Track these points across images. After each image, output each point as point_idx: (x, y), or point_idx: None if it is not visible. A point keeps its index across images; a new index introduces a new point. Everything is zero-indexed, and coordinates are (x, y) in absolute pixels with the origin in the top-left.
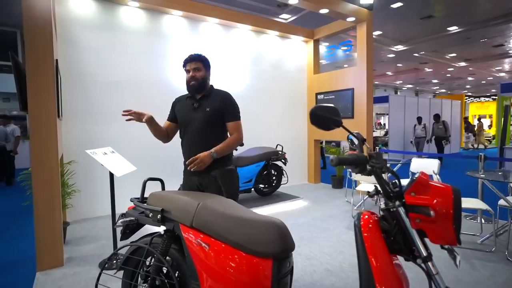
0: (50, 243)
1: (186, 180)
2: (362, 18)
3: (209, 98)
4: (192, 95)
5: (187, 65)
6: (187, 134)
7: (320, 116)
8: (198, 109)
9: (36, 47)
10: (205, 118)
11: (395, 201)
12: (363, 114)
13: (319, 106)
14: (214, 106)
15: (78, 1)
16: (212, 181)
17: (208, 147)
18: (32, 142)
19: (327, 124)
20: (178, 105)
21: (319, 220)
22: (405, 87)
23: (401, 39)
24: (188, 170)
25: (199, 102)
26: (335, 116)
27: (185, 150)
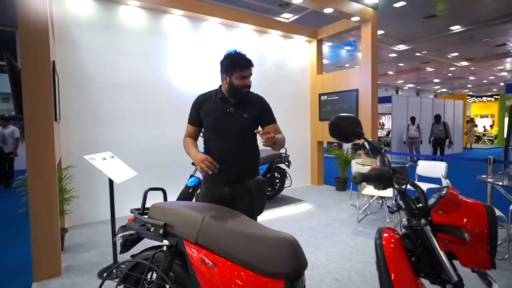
0: (47, 252)
1: (213, 190)
2: (367, 17)
3: (246, 102)
4: (226, 97)
5: (244, 70)
6: (218, 140)
7: (341, 128)
8: (234, 114)
9: (32, 49)
10: (242, 125)
11: (420, 219)
12: (368, 116)
13: (340, 117)
14: (252, 112)
15: (77, 1)
16: (245, 192)
17: (245, 160)
18: (27, 147)
19: (347, 136)
20: (206, 106)
21: (324, 224)
22: (406, 87)
23: (404, 38)
24: (218, 180)
25: (234, 107)
26: (357, 127)
27: (215, 159)
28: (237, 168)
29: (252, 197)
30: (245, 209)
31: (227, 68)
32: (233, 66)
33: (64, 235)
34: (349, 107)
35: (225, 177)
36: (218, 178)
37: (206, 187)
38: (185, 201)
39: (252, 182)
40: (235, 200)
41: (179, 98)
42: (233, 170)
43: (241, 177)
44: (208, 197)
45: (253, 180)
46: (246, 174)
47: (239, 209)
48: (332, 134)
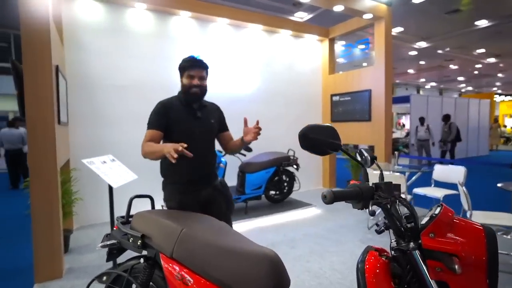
0: (48, 254)
1: (187, 201)
2: (380, 14)
3: (207, 108)
4: (188, 103)
5: (192, 70)
6: (190, 146)
7: (312, 140)
8: (202, 119)
9: (34, 53)
10: (212, 131)
11: (409, 241)
12: (381, 117)
13: (312, 127)
14: (215, 118)
15: (85, 5)
16: (218, 193)
17: (212, 163)
18: (29, 149)
19: (321, 149)
20: (173, 112)
21: (331, 231)
22: (428, 86)
23: (424, 35)
24: (190, 186)
25: (200, 111)
26: (333, 138)
27: (187, 165)
28: (207, 171)
29: (223, 194)
30: (221, 210)
31: (179, 70)
32: (182, 66)
33: (69, 237)
34: (361, 108)
35: (198, 182)
36: (191, 185)
37: (180, 200)
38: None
39: (218, 182)
40: (210, 203)
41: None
42: (205, 174)
43: (211, 180)
44: (183, 208)
45: (219, 180)
46: (214, 176)
47: (215, 211)
48: (302, 146)
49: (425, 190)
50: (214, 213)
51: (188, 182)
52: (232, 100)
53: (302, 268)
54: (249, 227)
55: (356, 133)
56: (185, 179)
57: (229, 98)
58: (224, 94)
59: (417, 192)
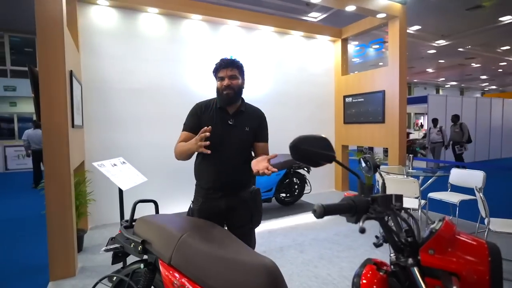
0: (62, 253)
1: (208, 206)
2: (394, 13)
3: (245, 114)
4: (223, 107)
5: (220, 71)
6: (216, 152)
7: (304, 151)
8: (235, 127)
9: (48, 58)
10: (243, 140)
11: (408, 257)
12: (395, 119)
13: (303, 138)
14: (253, 126)
15: (100, 11)
16: (242, 203)
17: (242, 172)
18: (44, 152)
19: (314, 160)
20: (206, 114)
21: (342, 235)
22: (448, 85)
23: (444, 33)
24: (213, 193)
25: (234, 118)
26: (325, 149)
27: (212, 171)
28: (234, 180)
29: (249, 208)
30: (243, 221)
31: (213, 74)
32: (214, 69)
33: (83, 236)
34: (375, 110)
35: (221, 190)
36: (213, 192)
37: (201, 203)
38: (175, 215)
39: (247, 193)
40: (232, 212)
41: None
42: (230, 183)
43: (237, 189)
44: (204, 213)
45: (248, 191)
46: (242, 186)
47: (237, 222)
48: (294, 158)
49: (441, 194)
50: (234, 223)
51: (211, 188)
52: None
53: (310, 273)
54: (258, 229)
55: (370, 135)
56: (208, 185)
57: None
58: None
59: (432, 196)
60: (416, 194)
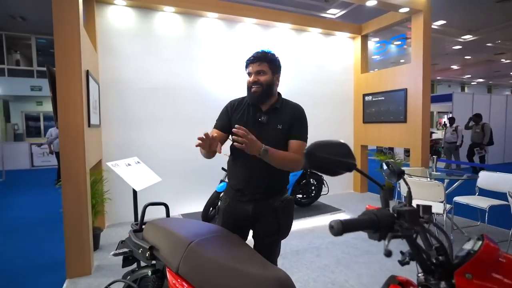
0: (78, 251)
1: (235, 208)
2: (418, 7)
3: (279, 111)
4: (255, 104)
5: (249, 66)
6: (247, 154)
7: (321, 159)
8: (267, 125)
9: (65, 58)
10: (276, 138)
11: (439, 279)
12: (418, 119)
13: (320, 144)
14: (286, 123)
15: (117, 11)
16: (270, 212)
17: (274, 176)
18: (61, 152)
19: (332, 169)
20: (237, 112)
21: (361, 239)
22: (475, 82)
23: (470, 28)
24: (241, 196)
25: (267, 115)
26: (345, 157)
27: (241, 172)
28: (265, 185)
29: (277, 218)
30: (268, 231)
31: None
32: (246, 66)
33: (99, 235)
34: (396, 109)
35: (250, 194)
36: (241, 194)
37: (228, 203)
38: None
39: (278, 201)
40: (259, 220)
41: (214, 102)
42: (261, 188)
43: (267, 195)
44: (230, 214)
45: (280, 199)
46: (273, 192)
47: (262, 231)
48: (310, 166)
49: (468, 199)
50: (260, 233)
51: (239, 190)
52: None
53: (327, 279)
54: None
55: (390, 135)
56: (237, 186)
57: None
58: None
59: (459, 201)
60: (441, 198)
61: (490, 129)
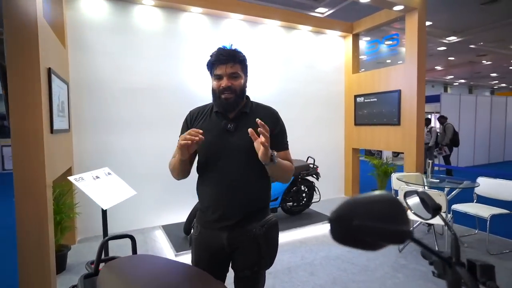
0: (36, 278)
1: (208, 237)
2: (413, 5)
3: (249, 116)
4: (222, 111)
5: (218, 67)
6: (216, 168)
7: (360, 229)
8: (236, 132)
9: (19, 54)
10: (248, 146)
11: None
12: (413, 121)
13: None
14: None
15: (90, 3)
16: (250, 240)
17: (249, 189)
18: (14, 162)
19: (375, 242)
20: (200, 123)
21: (357, 252)
22: (457, 82)
23: (456, 29)
24: (214, 223)
25: (234, 122)
26: (395, 221)
27: (210, 193)
28: (240, 206)
29: (259, 247)
30: (248, 263)
31: (207, 69)
32: (208, 65)
33: (66, 254)
34: (389, 111)
35: (223, 219)
36: (213, 221)
37: (200, 232)
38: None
39: (258, 227)
40: (236, 252)
41: (199, 103)
42: (235, 210)
43: (245, 219)
44: (203, 245)
45: (261, 223)
46: (252, 215)
47: (241, 262)
48: (337, 239)
49: (467, 207)
50: (237, 264)
51: (210, 216)
52: None
53: None
54: None
55: (384, 138)
56: (207, 212)
57: None
58: None
59: (457, 209)
60: (443, 208)
61: (452, 130)
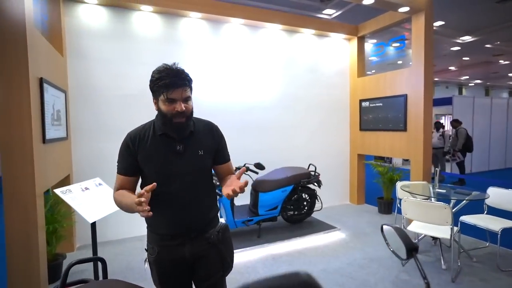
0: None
1: (167, 255)
2: (419, 7)
3: (196, 135)
4: (174, 135)
5: (173, 91)
6: (167, 190)
7: None
8: (186, 153)
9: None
10: (199, 166)
11: None
12: (419, 127)
13: None
14: (207, 146)
15: (88, 11)
16: (209, 247)
17: (204, 208)
18: (3, 173)
19: None
20: (143, 146)
21: (357, 265)
22: (472, 83)
23: (470, 28)
24: (171, 240)
25: (183, 143)
26: None
27: (165, 214)
28: (196, 221)
29: (219, 251)
30: (212, 270)
31: (151, 89)
32: (157, 85)
33: (61, 263)
34: (395, 116)
35: (181, 235)
36: (171, 238)
37: (158, 253)
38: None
39: (215, 233)
40: (199, 261)
41: (198, 108)
42: (192, 225)
43: (202, 231)
44: (164, 267)
45: (216, 229)
46: (207, 225)
47: (205, 272)
48: None
49: (477, 219)
50: (200, 275)
51: (167, 234)
52: (248, 107)
53: None
54: (260, 254)
55: (389, 144)
56: (162, 231)
57: (244, 105)
58: (239, 101)
59: (465, 220)
60: (447, 222)
61: (464, 135)
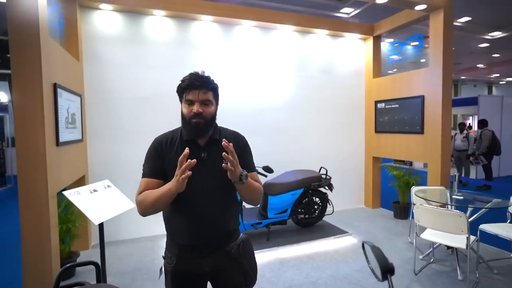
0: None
1: (185, 267)
2: (438, 4)
3: (219, 143)
4: (192, 139)
5: (190, 92)
6: (190, 198)
7: None
8: (209, 162)
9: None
10: (222, 175)
11: None
12: (437, 130)
13: None
14: None
15: (103, 16)
16: (230, 261)
17: (226, 219)
18: (19, 175)
19: None
20: (170, 152)
21: (366, 272)
22: (503, 81)
23: (499, 24)
24: (191, 251)
25: (206, 150)
26: None
27: (187, 224)
28: (217, 232)
29: (240, 265)
30: (235, 283)
31: (177, 94)
32: (179, 89)
33: (75, 260)
34: (411, 118)
35: (202, 247)
36: (191, 250)
37: (176, 263)
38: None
39: (235, 246)
40: (220, 274)
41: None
42: (213, 236)
43: (222, 243)
44: (180, 275)
45: (236, 243)
46: (227, 238)
47: (227, 285)
48: None
49: (498, 228)
50: (225, 285)
51: (187, 245)
52: (259, 109)
53: None
54: (268, 258)
55: (405, 147)
56: (183, 241)
57: (255, 107)
58: (250, 103)
59: (485, 229)
60: (463, 231)
61: (488, 137)
